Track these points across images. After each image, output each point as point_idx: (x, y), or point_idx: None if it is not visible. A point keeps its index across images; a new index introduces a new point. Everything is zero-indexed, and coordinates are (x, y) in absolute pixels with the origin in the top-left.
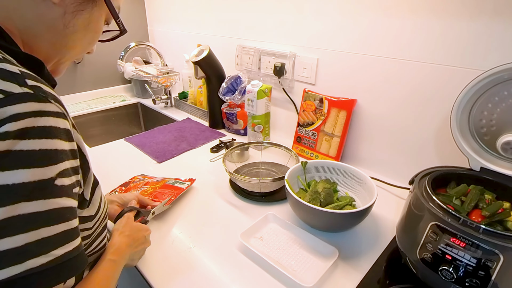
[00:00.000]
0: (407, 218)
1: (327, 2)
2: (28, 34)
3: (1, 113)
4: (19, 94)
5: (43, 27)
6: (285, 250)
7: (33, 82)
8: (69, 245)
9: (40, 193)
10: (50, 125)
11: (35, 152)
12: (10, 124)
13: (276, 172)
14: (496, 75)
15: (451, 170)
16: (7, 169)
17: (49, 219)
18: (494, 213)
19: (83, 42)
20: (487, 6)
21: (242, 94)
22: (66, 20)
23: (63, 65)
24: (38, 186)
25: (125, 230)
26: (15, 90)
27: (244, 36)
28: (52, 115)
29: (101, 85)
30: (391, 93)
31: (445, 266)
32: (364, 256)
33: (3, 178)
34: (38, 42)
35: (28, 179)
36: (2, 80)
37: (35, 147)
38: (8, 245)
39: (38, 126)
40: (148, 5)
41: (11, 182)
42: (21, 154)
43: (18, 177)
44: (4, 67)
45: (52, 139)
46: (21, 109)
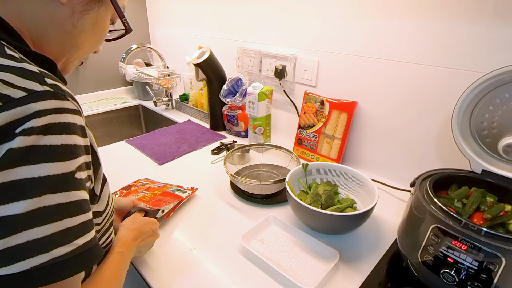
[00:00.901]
0: (408, 221)
1: (328, 5)
2: (38, 35)
3: (26, 110)
4: (40, 92)
5: (52, 27)
6: (286, 253)
7: (51, 81)
8: (88, 235)
9: (63, 185)
10: (69, 121)
11: (57, 147)
12: (35, 120)
13: (277, 174)
14: (498, 77)
15: (452, 172)
16: (34, 162)
17: (71, 210)
18: (496, 215)
19: (91, 41)
20: (488, 8)
21: (243, 96)
22: (74, 20)
23: (71, 64)
24: (61, 179)
25: (131, 225)
26: (37, 88)
27: (245, 38)
28: (70, 112)
29: (102, 87)
30: (392, 95)
31: (447, 269)
32: (365, 258)
33: (30, 171)
34: (48, 42)
35: (52, 172)
36: (24, 78)
37: (57, 142)
38: (36, 235)
39: (59, 122)
40: (149, 7)
41: (37, 175)
42: (45, 149)
43: (44, 171)
44: (24, 66)
45: (71, 134)
46: (43, 106)
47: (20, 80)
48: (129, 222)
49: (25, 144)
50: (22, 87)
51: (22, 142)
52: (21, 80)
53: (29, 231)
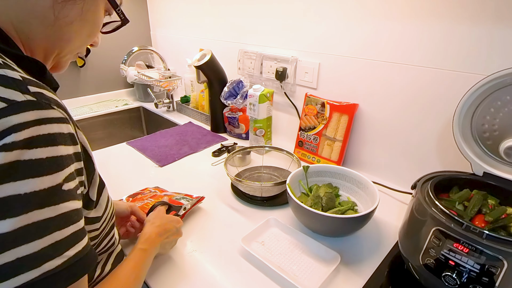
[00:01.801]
0: (409, 223)
1: (328, 7)
2: (23, 30)
3: (5, 123)
4: (22, 102)
5: (36, 20)
6: (286, 255)
7: (35, 89)
8: (78, 245)
9: (50, 199)
10: (55, 132)
11: (42, 160)
12: (16, 134)
13: (278, 177)
14: (498, 80)
15: (453, 175)
16: (18, 179)
17: (60, 223)
18: (498, 218)
19: (81, 34)
20: (489, 11)
21: (244, 98)
22: (56, 10)
23: (65, 59)
24: (48, 193)
25: (156, 221)
26: (18, 98)
27: (246, 40)
28: (55, 122)
29: (103, 89)
30: (393, 98)
31: (448, 272)
32: (366, 261)
33: (15, 188)
34: (34, 38)
35: (39, 187)
36: (4, 87)
37: (42, 155)
38: (26, 251)
39: (43, 134)
40: (151, 10)
41: (23, 191)
42: (30, 163)
43: (30, 186)
44: (5, 73)
45: (57, 146)
46: (25, 118)
47: (1, 90)
48: (153, 217)
49: (8, 160)
50: (2, 98)
51: (4, 158)
52: (1, 89)
53: (18, 249)
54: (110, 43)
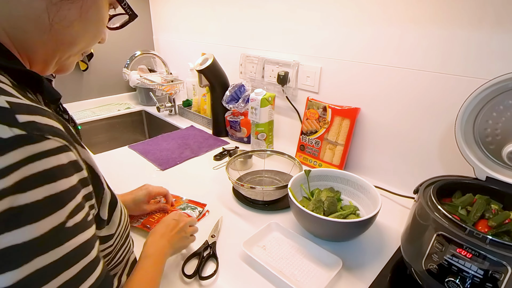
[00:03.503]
0: (412, 228)
1: (330, 12)
2: (17, 36)
3: None
4: (9, 139)
5: (30, 24)
6: (288, 260)
7: (25, 117)
8: (92, 277)
9: (53, 242)
10: (52, 166)
11: (40, 202)
12: (4, 180)
13: (279, 181)
14: (501, 84)
15: (456, 179)
16: (14, 228)
17: (68, 262)
18: (501, 223)
19: (85, 35)
20: (490, 15)
21: (245, 102)
22: (51, 13)
23: (69, 61)
24: (50, 236)
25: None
26: (4, 135)
27: (248, 45)
28: (52, 154)
29: (106, 93)
30: (395, 102)
31: (452, 277)
32: (369, 266)
33: (12, 238)
34: (31, 43)
35: (39, 232)
36: None
37: (39, 197)
38: None
39: (38, 171)
40: (154, 14)
41: (21, 240)
42: (25, 209)
43: (28, 234)
44: None
45: (56, 181)
46: (13, 158)
47: None
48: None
49: (2, 209)
50: None
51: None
52: None
53: None
54: (113, 47)
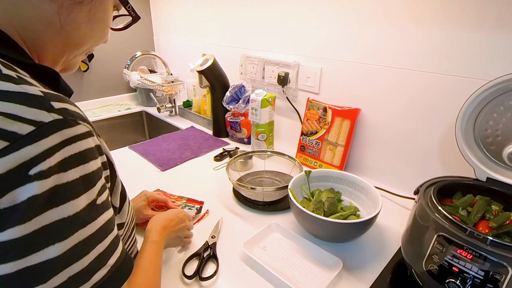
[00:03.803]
0: (412, 229)
1: (330, 12)
2: (28, 36)
3: (37, 148)
4: (50, 123)
5: (41, 25)
6: (288, 261)
7: (58, 104)
8: (117, 252)
9: (90, 217)
10: (84, 148)
11: (77, 180)
12: (50, 159)
13: (280, 181)
14: (501, 85)
15: (456, 180)
16: (60, 203)
17: (100, 236)
18: (502, 224)
19: (91, 36)
20: (490, 16)
21: (246, 103)
22: (63, 16)
23: (75, 60)
24: (87, 211)
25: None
26: (45, 119)
27: (249, 45)
28: (83, 137)
29: (107, 94)
30: (395, 103)
31: (452, 278)
32: (369, 267)
33: (58, 213)
34: (41, 43)
35: (79, 207)
36: (28, 107)
37: (77, 176)
38: (76, 269)
39: (75, 153)
40: (154, 15)
41: (66, 215)
42: (68, 186)
43: (71, 209)
44: (25, 90)
45: (88, 162)
46: (55, 140)
47: (24, 110)
48: (158, 214)
49: (48, 187)
50: (29, 120)
51: (43, 186)
52: (25, 109)
53: (69, 269)
54: (114, 48)
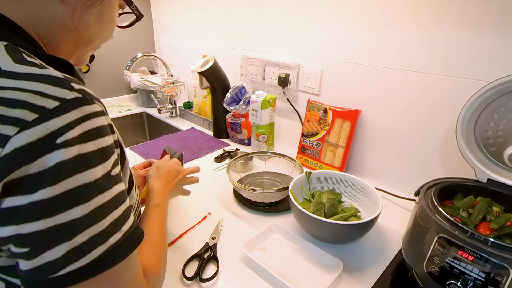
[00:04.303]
0: (413, 230)
1: (331, 14)
2: (46, 38)
3: (63, 120)
4: (72, 100)
5: (56, 26)
6: (289, 262)
7: (77, 85)
8: (129, 221)
9: (107, 185)
10: (100, 124)
11: (95, 152)
12: (73, 130)
13: (280, 182)
14: (502, 86)
15: (457, 181)
16: (83, 170)
17: (115, 203)
18: (503, 226)
19: (101, 35)
20: (491, 17)
21: (246, 104)
22: (76, 18)
23: (85, 56)
24: (104, 180)
25: (157, 173)
26: (68, 96)
27: (249, 47)
28: (99, 115)
29: (107, 95)
30: (396, 104)
31: (453, 280)
32: (370, 268)
33: (82, 178)
34: (56, 42)
35: (98, 175)
36: (53, 86)
37: (95, 148)
38: (96, 231)
39: (93, 128)
40: (155, 16)
41: (88, 180)
42: (88, 156)
43: (92, 176)
44: (49, 73)
45: (103, 137)
46: (77, 114)
47: (50, 89)
48: (154, 169)
49: (73, 155)
50: (54, 96)
51: (69, 153)
52: (51, 88)
53: (90, 229)
54: (114, 49)
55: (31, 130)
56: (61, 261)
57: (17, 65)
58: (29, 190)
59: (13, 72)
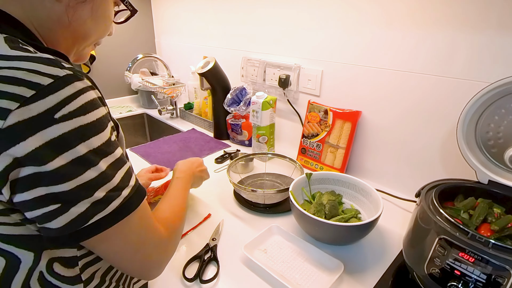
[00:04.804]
0: (414, 232)
1: (331, 15)
2: (44, 32)
3: (58, 96)
4: (64, 76)
5: (53, 23)
6: (289, 263)
7: (67, 65)
8: (133, 178)
9: (110, 148)
10: (93, 97)
11: (94, 122)
12: (70, 105)
13: (281, 184)
14: (502, 87)
15: (458, 182)
16: (87, 138)
17: (120, 163)
18: (504, 227)
19: (96, 30)
20: (492, 19)
21: (247, 105)
22: (70, 14)
23: (85, 51)
24: (107, 144)
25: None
26: (60, 74)
27: (250, 48)
28: (90, 89)
29: (108, 96)
30: (396, 105)
31: (454, 282)
32: (370, 270)
33: (87, 145)
34: (55, 38)
35: (102, 141)
36: (45, 65)
37: (93, 118)
38: (111, 186)
39: (88, 100)
40: (156, 17)
41: (93, 147)
42: (89, 126)
43: (96, 142)
44: (41, 55)
45: (98, 108)
46: (71, 90)
47: (43, 67)
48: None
49: (73, 126)
50: (48, 74)
51: (69, 126)
52: (43, 67)
53: (105, 186)
54: (115, 50)
55: (31, 105)
56: (89, 212)
57: (13, 51)
58: (41, 162)
59: (9, 55)
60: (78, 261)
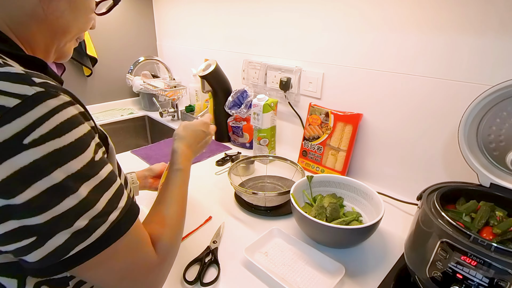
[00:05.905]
0: (415, 235)
1: (332, 18)
2: (18, 29)
3: (27, 119)
4: (34, 95)
5: (27, 18)
6: (290, 266)
7: (39, 79)
8: (124, 197)
9: (93, 170)
10: (71, 115)
11: (73, 143)
12: (40, 128)
13: (282, 186)
14: (504, 90)
15: (460, 185)
16: (63, 164)
17: (105, 185)
18: (506, 230)
19: (77, 22)
20: (493, 22)
21: (248, 108)
22: (45, 6)
23: (66, 47)
24: (89, 167)
25: (183, 133)
26: (28, 92)
27: (251, 51)
28: (68, 105)
29: (110, 98)
30: (398, 108)
31: (456, 285)
32: (372, 273)
33: (64, 171)
34: (31, 35)
35: (83, 163)
36: (12, 83)
37: (72, 139)
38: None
39: (64, 120)
40: (157, 21)
41: (71, 172)
42: (66, 149)
43: (76, 165)
44: (8, 70)
45: (78, 126)
46: (42, 111)
47: (8, 85)
48: (180, 130)
49: (48, 151)
50: (14, 93)
51: (41, 151)
52: (9, 85)
53: (88, 213)
54: (117, 53)
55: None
56: (69, 244)
57: None
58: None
59: None
60: (69, 281)
